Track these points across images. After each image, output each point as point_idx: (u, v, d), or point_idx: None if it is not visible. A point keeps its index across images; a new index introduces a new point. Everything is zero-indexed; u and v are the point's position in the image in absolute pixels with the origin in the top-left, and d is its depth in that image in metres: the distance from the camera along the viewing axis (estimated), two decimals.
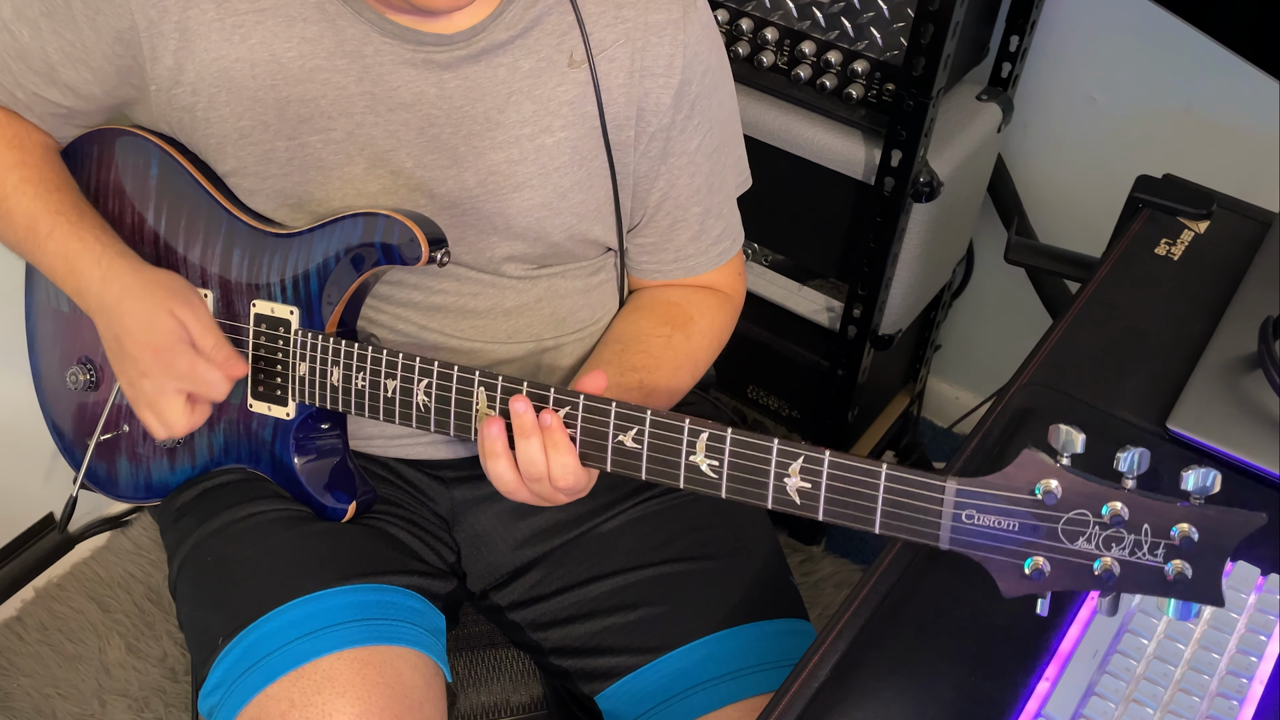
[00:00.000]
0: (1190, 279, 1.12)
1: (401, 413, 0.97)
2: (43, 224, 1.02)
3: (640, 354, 1.07)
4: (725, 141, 1.13)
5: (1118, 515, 0.70)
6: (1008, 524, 0.73)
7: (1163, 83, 1.64)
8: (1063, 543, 0.72)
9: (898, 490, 0.77)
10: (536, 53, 1.00)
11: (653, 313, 1.13)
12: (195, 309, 0.99)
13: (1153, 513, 0.70)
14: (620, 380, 1.04)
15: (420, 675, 0.99)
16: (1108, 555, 0.71)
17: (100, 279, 1.00)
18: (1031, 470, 0.72)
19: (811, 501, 0.81)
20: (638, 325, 1.12)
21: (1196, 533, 0.69)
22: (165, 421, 1.00)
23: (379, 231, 0.97)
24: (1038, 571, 0.73)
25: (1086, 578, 0.72)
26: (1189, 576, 0.70)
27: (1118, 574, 0.71)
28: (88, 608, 1.77)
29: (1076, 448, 0.71)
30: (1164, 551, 0.70)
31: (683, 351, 1.10)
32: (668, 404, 1.09)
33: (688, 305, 1.14)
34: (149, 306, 0.98)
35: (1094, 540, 0.71)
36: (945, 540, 0.76)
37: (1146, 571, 0.71)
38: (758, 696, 1.00)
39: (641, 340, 1.09)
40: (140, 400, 1.00)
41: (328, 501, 1.05)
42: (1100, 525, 0.71)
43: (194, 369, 0.97)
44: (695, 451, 0.84)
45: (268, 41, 0.96)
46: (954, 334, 2.07)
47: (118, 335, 1.00)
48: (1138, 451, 0.70)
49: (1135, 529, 0.70)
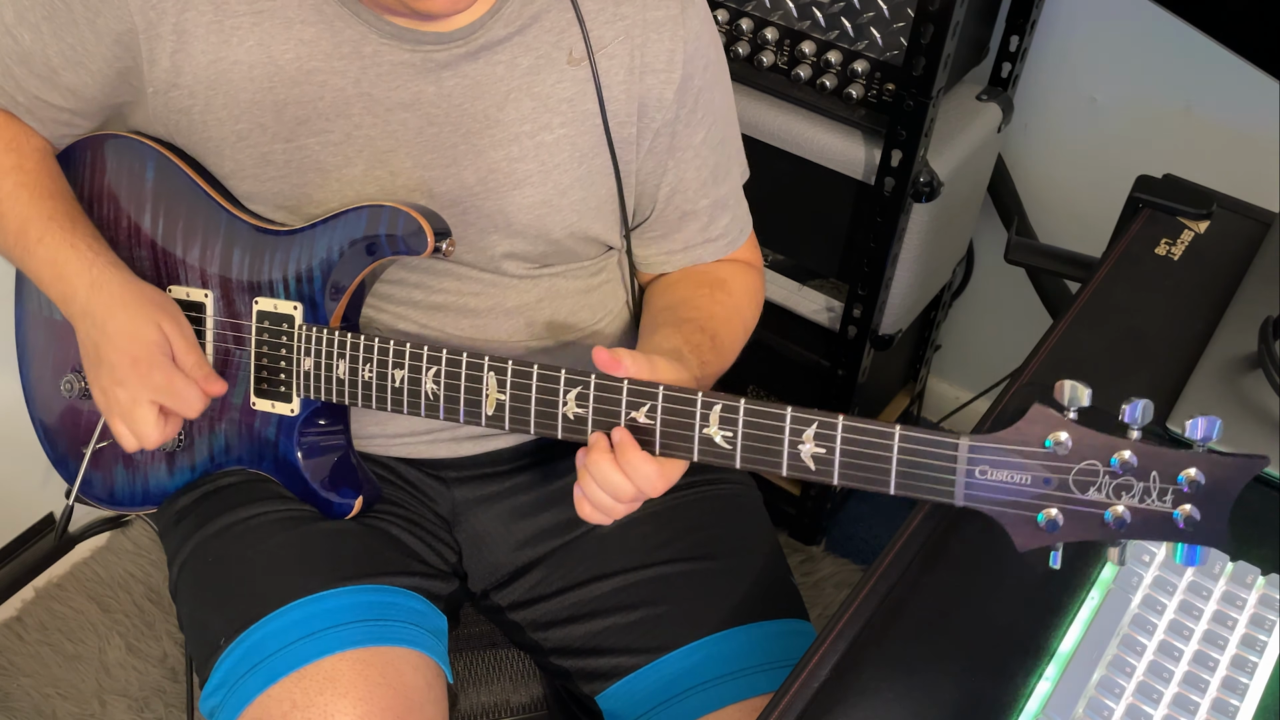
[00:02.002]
0: (1190, 279, 1.13)
1: (410, 402, 0.97)
2: (34, 229, 1.02)
3: (692, 309, 1.08)
4: (729, 133, 1.13)
5: (1127, 463, 0.72)
6: (1020, 478, 0.75)
7: (1163, 83, 1.65)
8: (1074, 493, 0.74)
9: (912, 450, 0.78)
10: (535, 50, 1.00)
11: (687, 280, 1.14)
12: (181, 326, 1.00)
13: (1160, 459, 0.72)
14: (680, 332, 1.03)
15: (422, 676, 0.99)
16: (1118, 504, 0.73)
17: (89, 285, 1.00)
18: (1041, 424, 0.74)
19: (826, 466, 0.81)
20: (678, 292, 1.12)
21: (1203, 477, 0.71)
22: (137, 432, 1.00)
23: (384, 223, 0.97)
24: (1051, 523, 0.75)
25: (1098, 527, 0.74)
26: (1197, 520, 0.72)
27: (1129, 521, 0.73)
28: (88, 608, 1.77)
29: (1083, 401, 0.73)
30: (1172, 497, 0.72)
31: (729, 305, 1.11)
32: (731, 355, 1.09)
33: (717, 270, 1.15)
34: (135, 316, 0.99)
35: (1104, 489, 0.73)
36: (960, 497, 0.77)
37: (1156, 517, 0.73)
38: (758, 697, 1.00)
39: (689, 300, 1.10)
40: (113, 409, 1.00)
41: (334, 497, 1.05)
42: (1110, 475, 0.73)
43: (171, 382, 0.98)
44: (709, 424, 0.84)
45: (265, 43, 0.96)
46: (954, 334, 2.07)
47: (97, 343, 1.00)
48: (1141, 403, 0.72)
49: (1144, 476, 0.72)
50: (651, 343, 1.03)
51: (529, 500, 1.14)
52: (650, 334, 1.06)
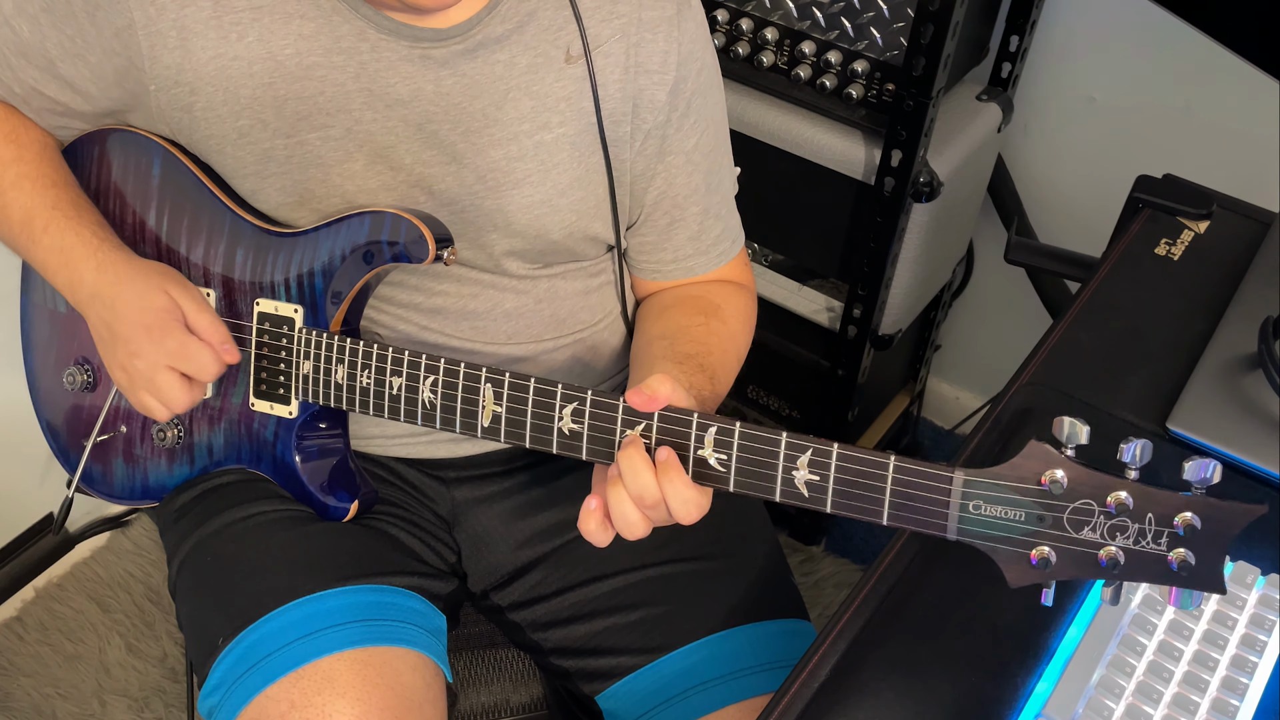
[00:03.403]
0: (1190, 279, 1.12)
1: (407, 410, 0.97)
2: (39, 218, 1.03)
3: (689, 342, 1.06)
4: (721, 143, 1.12)
5: (1122, 505, 0.71)
6: (1014, 514, 0.74)
7: (1163, 83, 1.64)
8: (1068, 532, 0.73)
9: (905, 482, 0.77)
10: (534, 49, 1.00)
11: (682, 307, 1.12)
12: (189, 290, 1.00)
13: (1156, 502, 0.71)
14: (681, 369, 1.01)
15: (420, 676, 0.99)
16: (1112, 544, 0.72)
17: (95, 268, 1.01)
18: (1038, 461, 0.73)
19: (819, 494, 0.81)
20: (674, 320, 1.10)
21: (1199, 521, 0.70)
22: (164, 399, 1.00)
23: (386, 230, 0.97)
24: (1044, 561, 0.74)
25: (1092, 566, 0.73)
26: (1192, 564, 0.71)
27: (1123, 562, 0.72)
28: (88, 608, 1.77)
29: (1081, 439, 0.72)
30: (1168, 540, 0.71)
31: (723, 335, 1.10)
32: (726, 388, 1.07)
33: (710, 295, 1.14)
34: (143, 287, 0.99)
35: (1099, 529, 0.72)
36: (953, 531, 0.76)
37: (1150, 560, 0.72)
38: (758, 697, 1.00)
39: (684, 331, 1.08)
40: (136, 382, 1.00)
41: (330, 501, 1.05)
42: (1105, 515, 0.72)
43: (185, 347, 0.98)
44: (703, 445, 0.84)
45: (264, 39, 0.96)
46: (954, 334, 2.07)
47: (109, 321, 1.00)
48: (1140, 443, 0.71)
49: (1139, 518, 0.71)
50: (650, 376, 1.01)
51: (529, 500, 1.14)
52: (646, 365, 1.04)
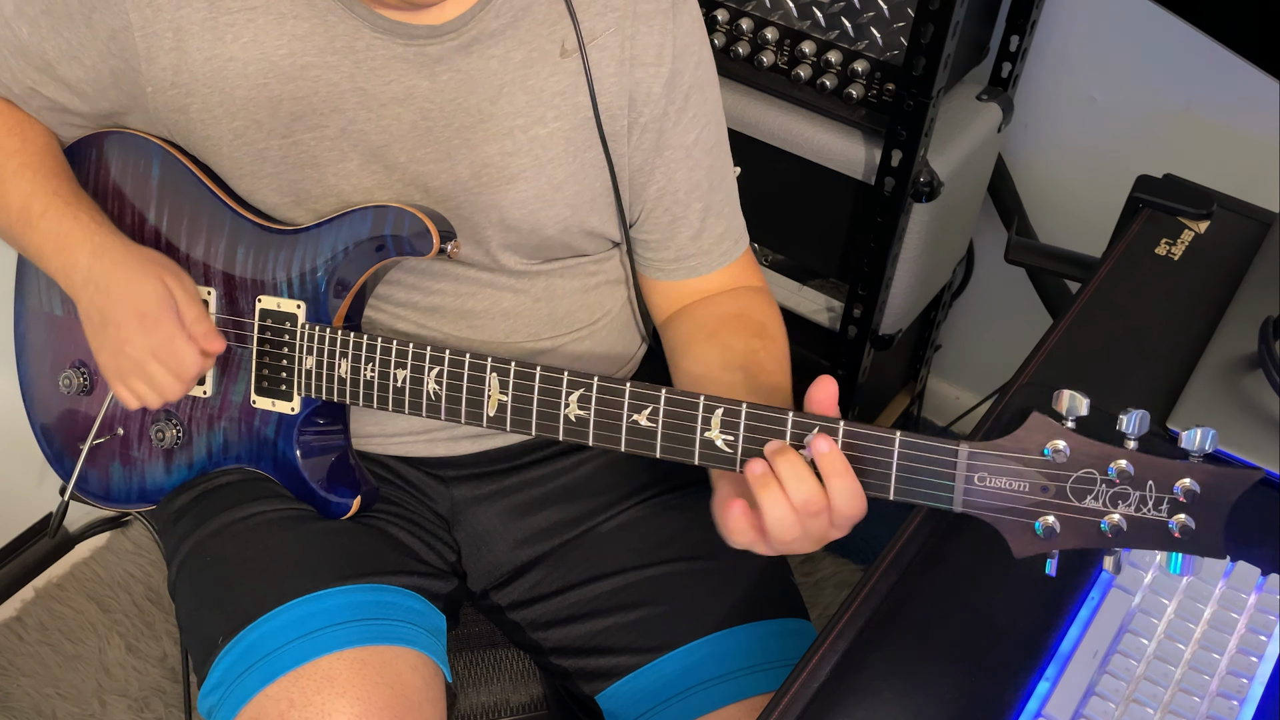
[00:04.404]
0: (1190, 279, 1.12)
1: (411, 402, 0.97)
2: (37, 203, 1.03)
3: (763, 374, 1.03)
4: (721, 140, 1.12)
5: (1123, 472, 0.73)
6: (1018, 485, 0.76)
7: (1163, 83, 1.64)
8: (1072, 501, 0.75)
9: (911, 456, 0.79)
10: (528, 43, 1.00)
11: (735, 334, 1.08)
12: (183, 281, 1.01)
13: (1156, 469, 0.73)
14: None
15: (420, 675, 0.99)
16: (1115, 512, 0.74)
17: (91, 252, 1.01)
18: (1040, 432, 0.74)
19: None
20: (735, 351, 1.05)
21: (1199, 487, 0.72)
22: (158, 386, 1.00)
23: (389, 223, 0.98)
24: (1048, 531, 0.75)
25: (1095, 535, 0.75)
26: (1193, 529, 0.72)
27: (1125, 529, 0.74)
28: (88, 608, 1.77)
29: (1081, 411, 0.74)
30: (1168, 507, 0.73)
31: (779, 354, 1.08)
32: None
33: (749, 312, 1.11)
34: (138, 273, 1.00)
35: (1101, 498, 0.74)
36: (959, 503, 0.77)
37: (1152, 526, 0.73)
38: (758, 696, 1.00)
39: (752, 363, 1.04)
40: (128, 370, 1.00)
41: (331, 497, 1.05)
42: (1107, 483, 0.73)
43: (171, 340, 0.98)
44: (710, 427, 0.85)
45: (259, 39, 0.96)
46: (954, 334, 2.07)
47: (102, 307, 1.00)
48: (1139, 413, 0.72)
49: (1140, 485, 0.73)
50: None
51: (528, 499, 1.14)
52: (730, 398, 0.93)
